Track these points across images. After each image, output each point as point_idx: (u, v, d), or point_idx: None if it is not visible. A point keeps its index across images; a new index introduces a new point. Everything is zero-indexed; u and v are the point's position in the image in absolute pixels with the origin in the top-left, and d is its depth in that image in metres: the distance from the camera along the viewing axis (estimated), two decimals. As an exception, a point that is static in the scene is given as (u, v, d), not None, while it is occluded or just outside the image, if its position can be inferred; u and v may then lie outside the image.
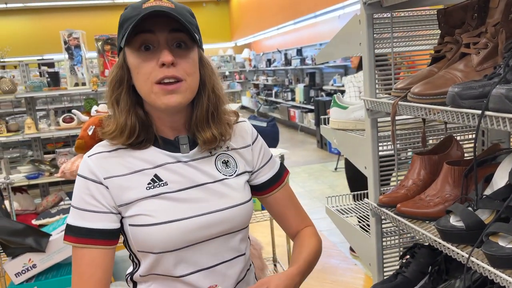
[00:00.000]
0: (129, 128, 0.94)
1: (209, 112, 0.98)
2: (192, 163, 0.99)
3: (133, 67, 0.92)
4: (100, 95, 5.03)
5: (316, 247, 1.07)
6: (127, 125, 0.94)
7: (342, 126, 1.54)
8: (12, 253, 2.25)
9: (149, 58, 0.90)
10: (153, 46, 0.90)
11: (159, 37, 0.89)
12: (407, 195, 1.18)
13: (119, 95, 0.95)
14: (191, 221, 0.94)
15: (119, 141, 0.95)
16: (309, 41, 9.42)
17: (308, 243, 1.06)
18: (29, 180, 3.55)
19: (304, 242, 1.07)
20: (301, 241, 1.08)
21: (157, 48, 0.90)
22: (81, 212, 0.93)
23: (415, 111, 1.02)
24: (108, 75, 0.99)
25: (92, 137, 2.53)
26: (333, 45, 1.48)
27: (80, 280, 0.93)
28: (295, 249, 1.08)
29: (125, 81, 0.94)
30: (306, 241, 1.07)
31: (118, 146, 0.97)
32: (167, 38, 0.90)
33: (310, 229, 1.12)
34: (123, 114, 0.94)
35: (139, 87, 0.93)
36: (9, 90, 3.48)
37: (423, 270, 1.24)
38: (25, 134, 3.60)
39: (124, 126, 0.94)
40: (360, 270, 3.22)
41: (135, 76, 0.92)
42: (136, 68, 0.91)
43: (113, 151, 0.97)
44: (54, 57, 7.33)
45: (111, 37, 3.61)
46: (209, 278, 0.96)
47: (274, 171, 1.11)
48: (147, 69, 0.90)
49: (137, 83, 0.93)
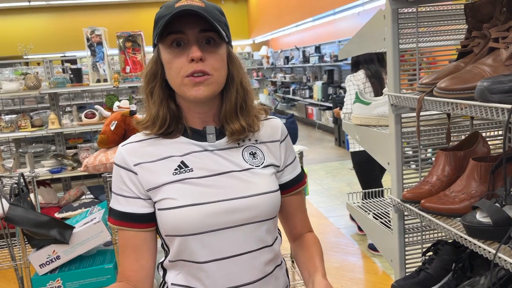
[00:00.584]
0: (161, 119, 1.00)
1: (238, 104, 1.02)
2: (218, 152, 1.02)
3: (165, 62, 0.98)
4: (121, 92, 5.10)
5: (322, 253, 1.11)
6: (159, 116, 1.00)
7: (365, 122, 1.53)
8: (37, 244, 2.30)
9: (180, 54, 0.95)
10: (183, 43, 0.95)
11: (189, 35, 0.94)
12: (431, 191, 1.17)
13: (153, 88, 1.01)
14: (215, 205, 0.96)
15: (151, 131, 1.02)
16: (327, 38, 9.36)
17: (315, 249, 1.09)
18: (52, 174, 3.63)
19: (311, 248, 1.10)
20: (308, 245, 1.11)
21: (187, 45, 0.95)
22: (117, 197, 1.01)
23: (441, 106, 1.01)
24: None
25: (114, 132, 2.57)
26: (357, 40, 1.47)
27: (122, 257, 1.02)
28: (304, 251, 1.09)
29: (159, 75, 1.00)
30: (313, 247, 1.10)
31: (150, 136, 1.03)
32: (197, 36, 0.94)
33: (313, 235, 1.16)
34: (156, 106, 1.00)
35: (171, 81, 0.98)
36: (33, 86, 3.56)
37: (446, 267, 1.23)
38: (49, 129, 3.68)
39: (156, 116, 1.00)
40: (378, 268, 3.20)
41: (167, 70, 0.98)
42: (168, 63, 0.97)
43: (144, 141, 1.03)
44: (76, 54, 7.46)
45: (132, 34, 3.67)
46: (234, 266, 0.98)
47: (296, 172, 1.13)
48: (178, 64, 0.95)
49: (169, 77, 0.98)
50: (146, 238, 1.01)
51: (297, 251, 1.12)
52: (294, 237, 1.16)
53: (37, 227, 2.22)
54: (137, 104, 3.93)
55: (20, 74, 4.00)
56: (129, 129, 2.59)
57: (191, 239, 0.96)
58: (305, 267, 1.05)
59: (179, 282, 1.01)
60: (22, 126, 3.62)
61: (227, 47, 1.01)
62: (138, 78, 3.65)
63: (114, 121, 2.56)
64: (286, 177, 1.10)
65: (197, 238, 0.96)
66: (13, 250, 2.38)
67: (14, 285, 2.95)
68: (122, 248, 1.02)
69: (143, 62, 3.69)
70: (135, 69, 3.70)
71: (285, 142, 1.11)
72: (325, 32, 9.70)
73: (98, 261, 2.43)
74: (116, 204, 1.01)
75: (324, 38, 9.63)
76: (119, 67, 3.72)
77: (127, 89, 5.12)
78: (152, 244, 1.03)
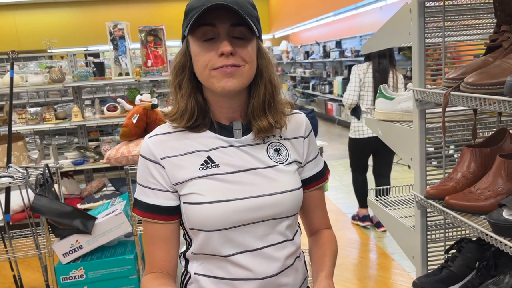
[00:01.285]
0: (189, 112, 0.99)
1: (266, 101, 1.01)
2: (244, 148, 1.02)
3: (194, 54, 0.97)
4: (142, 85, 5.16)
5: (336, 251, 1.11)
6: (187, 108, 0.99)
7: (388, 117, 1.51)
8: (61, 234, 2.36)
9: (210, 47, 0.94)
10: (214, 36, 0.94)
11: (219, 29, 0.93)
12: (456, 187, 1.15)
13: (181, 81, 1.00)
14: (240, 203, 0.97)
15: (178, 124, 1.01)
16: (349, 33, 9.26)
17: (328, 247, 1.09)
18: (75, 165, 3.70)
19: (324, 245, 1.10)
20: (322, 242, 1.11)
21: (217, 39, 0.94)
22: (143, 189, 1.01)
23: (468, 101, 0.99)
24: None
25: (136, 125, 2.60)
26: (381, 35, 1.46)
27: (148, 248, 1.03)
28: (318, 249, 1.10)
29: (187, 67, 0.99)
30: (326, 245, 1.10)
31: (177, 128, 1.03)
32: (228, 30, 0.93)
33: (330, 232, 1.15)
34: (184, 98, 1.00)
35: (199, 74, 0.97)
36: (58, 79, 3.63)
37: (470, 265, 1.22)
38: (72, 121, 3.74)
39: (184, 109, 1.00)
40: (397, 265, 3.17)
41: (196, 63, 0.97)
42: (197, 55, 0.96)
43: (171, 133, 1.03)
44: (99, 48, 7.56)
45: (154, 29, 3.69)
46: (256, 259, 0.99)
47: (318, 168, 1.12)
48: (207, 58, 0.94)
49: (197, 69, 0.97)
50: (174, 229, 1.03)
51: (312, 247, 1.13)
52: (311, 232, 1.16)
53: (61, 217, 2.27)
54: (158, 97, 3.97)
55: (45, 67, 4.08)
56: (151, 122, 2.62)
57: (215, 234, 0.97)
58: (315, 265, 1.06)
59: (202, 272, 1.02)
60: (47, 118, 3.69)
61: (257, 42, 0.99)
62: (159, 72, 3.68)
63: (136, 114, 2.59)
64: (306, 174, 1.10)
65: (221, 233, 0.97)
66: (38, 239, 2.44)
67: (38, 273, 3.03)
68: (152, 239, 1.02)
69: (164, 56, 3.71)
70: (157, 63, 3.73)
71: (308, 138, 1.10)
72: (346, 27, 9.60)
73: (119, 251, 2.47)
74: (142, 196, 1.02)
75: (345, 33, 9.53)
76: (141, 61, 3.76)
77: (148, 83, 5.17)
78: (178, 234, 1.04)
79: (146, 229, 1.03)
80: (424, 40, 1.23)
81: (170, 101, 1.15)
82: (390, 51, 3.59)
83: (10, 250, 2.47)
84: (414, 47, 1.24)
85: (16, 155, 3.19)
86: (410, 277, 2.99)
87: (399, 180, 5.18)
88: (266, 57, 1.02)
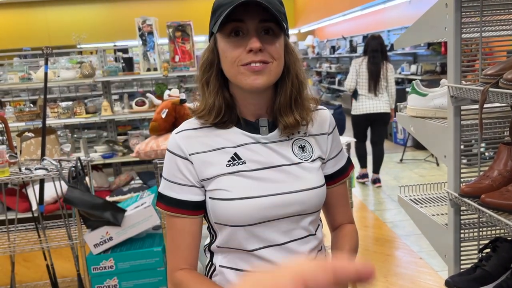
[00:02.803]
0: (217, 108, 1.00)
1: (292, 97, 1.01)
2: (270, 145, 1.02)
3: (222, 51, 0.97)
4: (169, 80, 5.21)
5: (356, 244, 1.11)
6: (215, 105, 1.00)
7: (421, 114, 1.49)
8: (92, 225, 2.42)
9: (239, 44, 0.94)
10: (242, 33, 0.94)
11: (248, 25, 0.93)
12: (492, 186, 1.13)
13: (209, 77, 1.00)
14: (266, 199, 0.97)
15: (206, 120, 1.02)
16: (376, 28, 9.11)
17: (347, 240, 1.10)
18: (104, 159, 3.78)
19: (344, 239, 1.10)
20: (342, 236, 1.11)
21: (246, 35, 0.94)
22: (170, 184, 1.02)
23: (508, 98, 0.97)
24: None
25: (165, 120, 2.64)
26: (415, 30, 1.43)
27: (172, 243, 1.03)
28: (336, 244, 1.11)
29: (215, 64, 1.00)
30: (345, 239, 1.10)
31: (204, 124, 1.03)
32: (257, 26, 0.93)
33: (351, 226, 1.15)
34: (212, 95, 1.00)
35: (227, 70, 0.97)
36: (88, 75, 3.70)
37: (505, 265, 1.19)
38: (102, 116, 3.82)
39: (212, 106, 1.00)
40: (424, 263, 3.13)
41: (223, 59, 0.97)
42: (225, 52, 0.96)
43: (198, 129, 1.03)
44: (127, 43, 7.67)
45: (182, 24, 3.72)
46: (280, 253, 1.00)
47: (340, 165, 1.12)
48: (235, 54, 0.94)
49: (224, 66, 0.98)
50: (200, 224, 1.04)
51: (333, 242, 1.13)
52: (333, 228, 1.17)
53: (93, 208, 2.33)
54: (185, 93, 4.01)
55: (75, 63, 4.16)
56: (179, 117, 2.65)
57: (240, 229, 0.98)
58: (335, 255, 1.07)
59: (227, 265, 1.04)
60: (78, 112, 3.78)
61: (285, 38, 0.99)
62: (186, 67, 3.71)
63: (165, 109, 2.62)
64: (328, 170, 1.10)
65: (246, 229, 0.98)
66: (70, 230, 2.52)
67: (70, 263, 3.12)
68: (180, 234, 1.02)
69: (191, 51, 3.74)
70: (184, 59, 3.76)
71: (332, 135, 1.10)
72: (373, 22, 9.45)
73: (148, 243, 2.52)
74: (168, 191, 1.02)
75: (372, 28, 9.38)
76: (169, 56, 3.79)
77: (175, 78, 5.22)
78: (201, 229, 1.06)
79: (173, 223, 1.02)
80: (461, 36, 1.21)
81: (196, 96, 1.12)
82: (382, 47, 4.51)
83: (43, 240, 2.55)
84: (450, 43, 1.22)
85: (49, 148, 3.28)
86: (438, 276, 2.94)
87: (427, 177, 5.09)
88: (293, 53, 1.02)
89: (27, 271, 3.29)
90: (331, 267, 0.43)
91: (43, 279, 2.99)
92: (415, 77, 6.69)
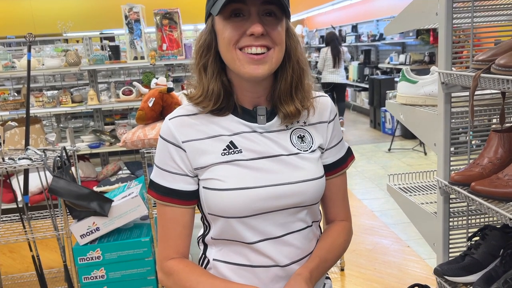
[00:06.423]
0: (215, 95, 0.95)
1: (293, 84, 0.96)
2: (267, 134, 0.98)
3: (220, 32, 0.92)
4: (157, 69, 5.15)
5: (340, 245, 1.05)
6: (214, 91, 0.95)
7: (410, 101, 1.47)
8: (78, 216, 2.38)
9: (239, 25, 0.89)
10: (243, 14, 0.89)
11: (250, 7, 0.88)
12: (482, 173, 1.12)
13: (206, 62, 0.95)
14: (262, 190, 0.93)
15: (204, 107, 0.97)
16: (365, 17, 9.10)
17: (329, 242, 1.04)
18: (91, 149, 3.72)
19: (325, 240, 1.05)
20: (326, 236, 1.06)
21: (247, 17, 0.89)
22: (162, 172, 0.98)
23: (500, 84, 0.95)
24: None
25: (152, 108, 2.60)
26: (405, 16, 1.41)
27: (163, 232, 1.00)
28: (320, 240, 1.05)
29: (213, 47, 0.94)
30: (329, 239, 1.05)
31: (199, 111, 0.98)
32: (259, 9, 0.88)
33: (344, 224, 1.09)
34: (210, 80, 0.95)
35: (224, 53, 0.93)
36: (74, 63, 3.63)
37: (494, 253, 1.19)
38: (88, 105, 3.76)
39: (211, 92, 0.95)
40: (412, 251, 3.15)
41: (221, 41, 0.92)
42: (223, 33, 0.91)
43: (193, 115, 0.98)
44: (114, 31, 7.56)
45: (169, 12, 3.67)
46: (277, 246, 0.97)
47: (340, 154, 1.08)
48: (234, 36, 0.89)
49: (222, 48, 0.93)
50: (191, 213, 1.00)
51: (320, 238, 1.07)
52: (327, 221, 1.13)
53: (79, 199, 2.29)
54: (173, 81, 3.96)
55: (61, 51, 4.08)
56: (167, 106, 2.61)
57: (234, 220, 0.94)
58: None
59: (221, 258, 1.00)
60: (63, 101, 3.71)
61: (286, 22, 0.94)
62: (174, 56, 3.66)
63: (152, 98, 2.58)
64: (329, 159, 1.05)
65: (240, 220, 0.94)
66: (56, 220, 2.47)
67: (56, 254, 3.08)
68: (171, 223, 0.99)
69: (179, 40, 3.69)
70: (172, 47, 3.71)
71: (333, 123, 1.05)
72: (362, 11, 9.42)
73: (135, 234, 2.49)
74: (160, 179, 0.98)
75: (361, 17, 9.36)
76: (156, 44, 3.73)
77: (163, 67, 5.16)
78: (194, 218, 1.02)
79: (163, 212, 0.99)
80: (452, 21, 1.19)
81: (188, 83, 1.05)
82: (336, 37, 6.97)
83: (29, 231, 2.51)
84: (441, 28, 1.20)
85: (34, 137, 3.22)
86: (425, 264, 2.97)
87: (415, 167, 5.12)
88: (294, 38, 0.96)
89: (12, 262, 3.25)
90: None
91: (29, 270, 2.95)
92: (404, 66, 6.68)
